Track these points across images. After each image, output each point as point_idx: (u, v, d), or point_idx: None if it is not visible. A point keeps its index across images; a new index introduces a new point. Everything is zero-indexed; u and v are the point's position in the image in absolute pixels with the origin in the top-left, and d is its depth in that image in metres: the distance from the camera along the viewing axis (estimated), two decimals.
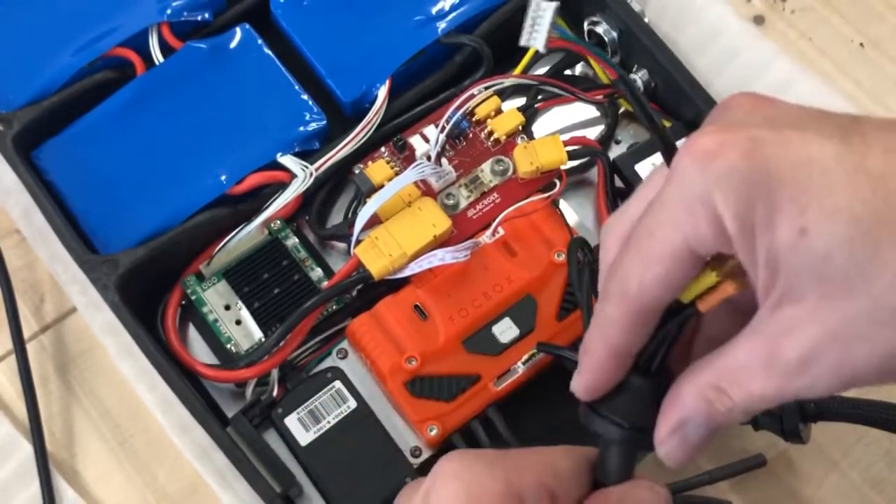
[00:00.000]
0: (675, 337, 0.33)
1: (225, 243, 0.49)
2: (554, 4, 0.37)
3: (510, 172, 0.51)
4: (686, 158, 0.29)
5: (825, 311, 0.28)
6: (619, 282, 0.31)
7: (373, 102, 0.52)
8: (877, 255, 0.27)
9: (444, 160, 0.51)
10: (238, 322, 0.49)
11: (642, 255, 0.31)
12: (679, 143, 0.31)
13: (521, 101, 0.54)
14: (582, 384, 0.34)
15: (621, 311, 0.32)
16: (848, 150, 0.28)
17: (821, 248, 0.28)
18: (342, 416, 0.47)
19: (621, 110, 0.55)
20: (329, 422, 0.47)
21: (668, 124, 0.53)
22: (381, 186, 0.49)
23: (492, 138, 0.52)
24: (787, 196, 0.28)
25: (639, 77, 0.53)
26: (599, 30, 0.53)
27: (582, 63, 0.56)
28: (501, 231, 0.49)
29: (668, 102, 0.53)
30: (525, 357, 0.47)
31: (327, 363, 0.48)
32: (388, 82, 0.52)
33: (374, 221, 0.49)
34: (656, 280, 0.31)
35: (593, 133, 0.54)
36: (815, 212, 0.28)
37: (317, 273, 0.50)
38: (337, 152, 0.50)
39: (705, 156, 0.29)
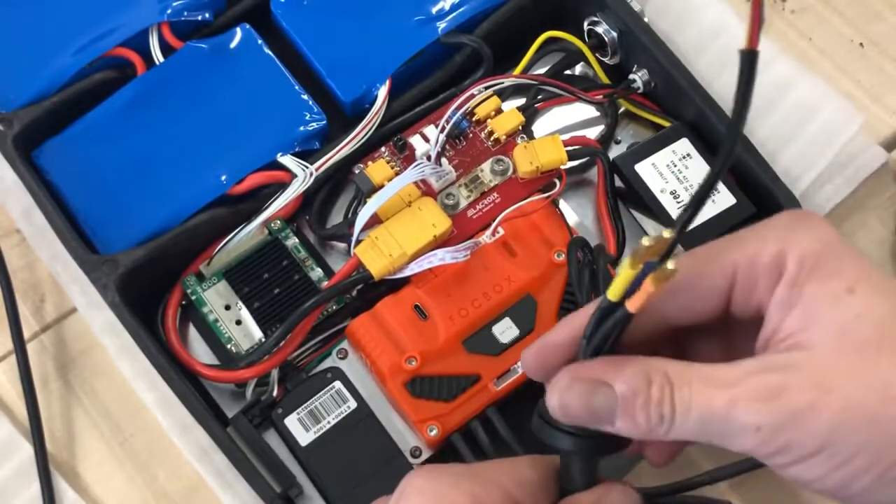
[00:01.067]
0: (615, 338, 0.33)
1: (225, 243, 0.49)
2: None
3: (510, 172, 0.51)
4: (783, 212, 0.34)
5: (826, 360, 0.30)
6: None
7: (373, 102, 0.52)
8: None
9: (444, 160, 0.51)
10: (238, 322, 0.49)
11: (694, 258, 0.33)
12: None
13: (521, 101, 0.54)
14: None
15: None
16: None
17: (858, 308, 0.31)
18: (342, 416, 0.47)
19: (621, 110, 0.55)
20: (329, 422, 0.47)
21: (667, 124, 0.53)
22: (381, 186, 0.49)
23: (492, 138, 0.52)
24: (851, 261, 0.32)
25: (639, 77, 0.53)
26: (599, 30, 0.53)
27: (582, 63, 0.56)
28: (501, 231, 0.49)
29: (668, 102, 0.53)
30: None
31: (327, 363, 0.48)
32: (388, 82, 0.52)
33: (374, 221, 0.49)
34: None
35: (593, 133, 0.54)
36: (865, 281, 0.31)
37: (317, 273, 0.50)
38: (337, 152, 0.50)
39: (797, 213, 0.35)
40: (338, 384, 0.47)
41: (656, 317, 0.34)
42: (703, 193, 0.30)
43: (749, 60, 0.30)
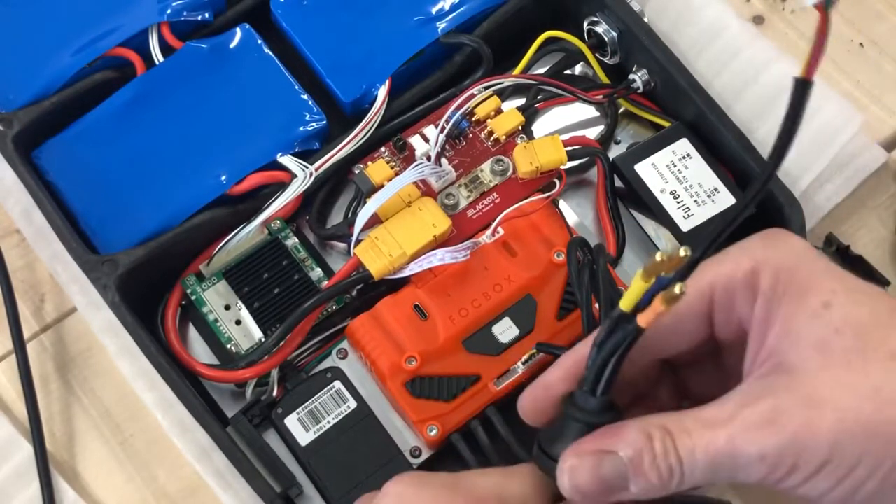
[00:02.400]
0: (621, 356, 0.33)
1: (225, 243, 0.49)
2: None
3: (510, 172, 0.51)
4: (756, 234, 0.34)
5: (814, 377, 0.31)
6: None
7: (373, 102, 0.52)
8: (883, 343, 0.30)
9: (443, 160, 0.51)
10: (238, 322, 0.49)
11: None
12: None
13: (521, 101, 0.54)
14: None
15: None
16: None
17: (837, 323, 0.31)
18: (342, 416, 0.47)
19: (621, 110, 0.55)
20: (329, 422, 0.47)
21: (667, 124, 0.53)
22: (381, 186, 0.49)
23: (492, 138, 0.52)
24: (825, 274, 0.32)
25: (638, 77, 0.53)
26: (599, 30, 0.53)
27: (582, 63, 0.56)
28: (501, 231, 0.49)
29: (668, 102, 0.53)
30: (525, 357, 0.47)
31: (327, 363, 0.48)
32: (388, 82, 0.52)
33: (374, 221, 0.49)
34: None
35: (593, 133, 0.54)
36: (841, 292, 0.31)
37: (317, 273, 0.50)
38: (337, 152, 0.50)
39: (769, 231, 0.34)
40: (338, 384, 0.47)
41: (648, 353, 0.34)
42: (732, 220, 0.30)
43: (802, 89, 0.30)
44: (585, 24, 0.54)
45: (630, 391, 0.36)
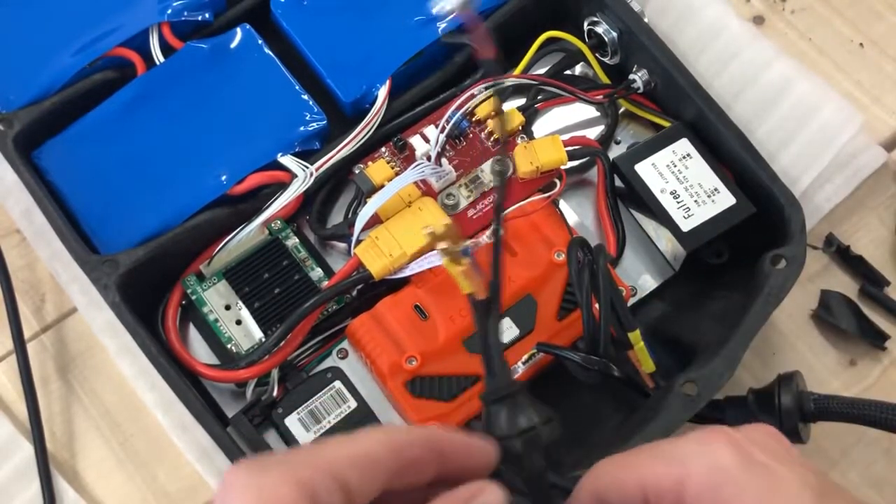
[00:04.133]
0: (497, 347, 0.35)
1: (225, 243, 0.49)
2: None
3: (510, 172, 0.51)
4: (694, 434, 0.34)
5: None
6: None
7: (373, 102, 0.52)
8: None
9: (444, 160, 0.51)
10: (238, 322, 0.49)
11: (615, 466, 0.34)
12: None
13: (521, 101, 0.54)
14: None
15: None
16: None
17: None
18: (342, 416, 0.47)
19: (621, 110, 0.55)
20: (329, 422, 0.47)
21: (667, 124, 0.53)
22: (382, 186, 0.49)
23: (492, 138, 0.52)
24: (751, 493, 0.31)
25: (639, 77, 0.53)
26: (599, 30, 0.53)
27: (582, 63, 0.56)
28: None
29: (668, 102, 0.53)
30: (525, 357, 0.47)
31: (327, 363, 0.48)
32: (388, 82, 0.52)
33: (375, 221, 0.49)
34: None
35: (593, 133, 0.54)
36: None
37: (317, 273, 0.50)
38: (337, 152, 0.50)
39: (704, 436, 0.33)
40: (338, 384, 0.47)
41: None
42: None
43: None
44: (585, 24, 0.54)
45: None
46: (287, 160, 0.50)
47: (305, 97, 0.52)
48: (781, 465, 0.31)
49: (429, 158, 0.50)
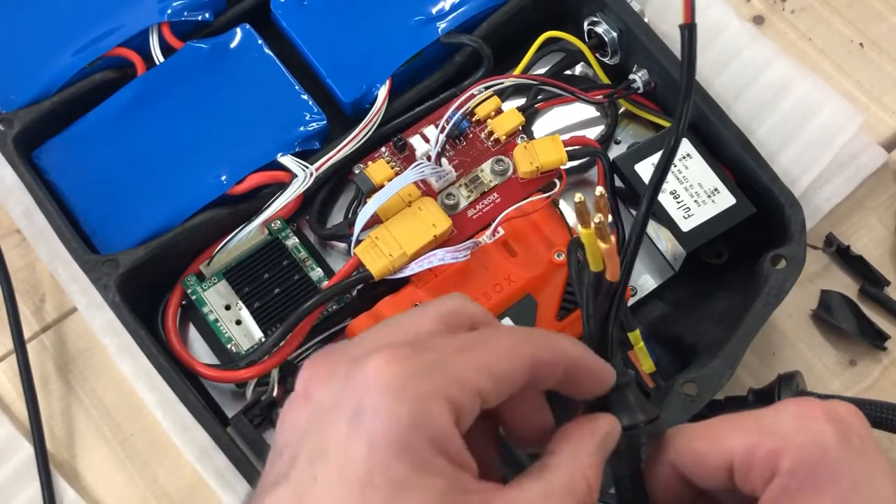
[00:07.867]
0: (615, 313, 0.34)
1: (225, 243, 0.49)
2: None
3: (510, 172, 0.51)
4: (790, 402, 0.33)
5: None
6: None
7: (373, 102, 0.52)
8: None
9: (444, 160, 0.51)
10: (238, 322, 0.49)
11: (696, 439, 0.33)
12: None
13: (521, 101, 0.54)
14: None
15: None
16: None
17: None
18: None
19: (621, 110, 0.55)
20: None
21: (667, 124, 0.53)
22: (382, 186, 0.49)
23: (492, 138, 0.52)
24: (846, 473, 0.31)
25: (639, 77, 0.53)
26: (599, 30, 0.54)
27: (582, 63, 0.56)
28: (501, 231, 0.49)
29: (668, 102, 0.53)
30: None
31: None
32: (388, 82, 0.52)
33: (375, 221, 0.49)
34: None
35: (593, 133, 0.54)
36: (857, 495, 0.31)
37: (317, 273, 0.50)
38: (337, 152, 0.50)
39: (802, 408, 0.33)
40: None
41: (684, 483, 0.34)
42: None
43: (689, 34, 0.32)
44: (585, 24, 0.54)
45: None
46: (287, 160, 0.50)
47: (305, 97, 0.52)
48: (873, 450, 0.31)
49: (429, 158, 0.50)
